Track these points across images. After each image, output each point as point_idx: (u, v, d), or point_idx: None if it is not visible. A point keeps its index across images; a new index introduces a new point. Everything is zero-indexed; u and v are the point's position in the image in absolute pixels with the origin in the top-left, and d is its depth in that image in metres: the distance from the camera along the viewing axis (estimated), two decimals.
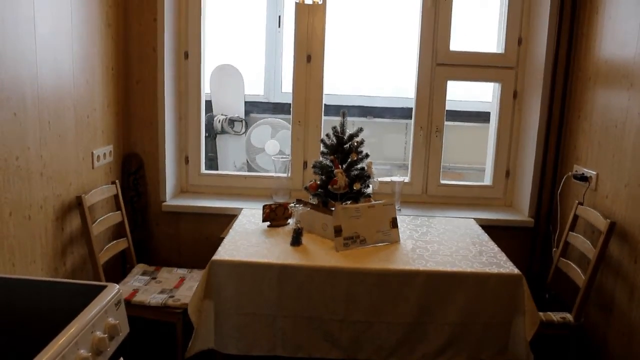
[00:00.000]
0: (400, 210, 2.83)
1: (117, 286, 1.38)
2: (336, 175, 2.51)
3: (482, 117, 3.88)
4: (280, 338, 2.11)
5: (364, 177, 2.58)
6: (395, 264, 2.12)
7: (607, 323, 2.31)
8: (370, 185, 2.62)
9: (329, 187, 2.54)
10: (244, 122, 4.18)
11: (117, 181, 2.60)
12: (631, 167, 2.19)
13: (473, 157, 4.23)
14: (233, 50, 4.45)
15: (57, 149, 2.11)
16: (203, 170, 3.14)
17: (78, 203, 2.24)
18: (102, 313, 1.26)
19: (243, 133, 4.13)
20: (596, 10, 2.54)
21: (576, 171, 2.64)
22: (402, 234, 2.44)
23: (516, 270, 2.11)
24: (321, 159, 2.65)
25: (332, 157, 2.57)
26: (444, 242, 2.40)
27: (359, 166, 2.59)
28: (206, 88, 3.14)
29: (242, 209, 2.78)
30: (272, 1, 4.51)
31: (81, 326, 1.16)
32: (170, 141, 2.90)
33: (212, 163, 4.14)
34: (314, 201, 2.61)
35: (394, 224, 2.37)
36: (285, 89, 4.56)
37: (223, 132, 4.14)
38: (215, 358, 2.18)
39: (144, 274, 2.57)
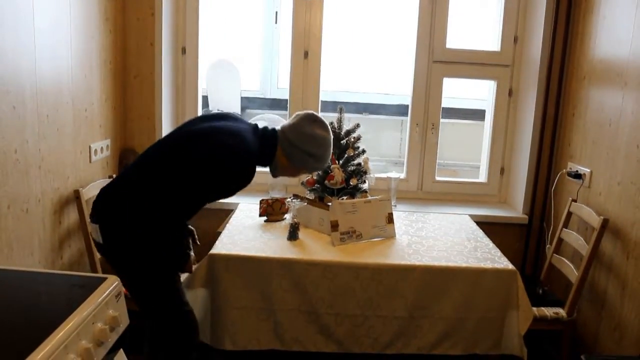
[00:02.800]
0: (395, 206, 2.85)
1: (117, 278, 1.39)
2: (333, 170, 2.53)
3: (477, 114, 3.91)
4: (276, 332, 2.12)
5: (361, 172, 2.60)
6: (391, 259, 2.14)
7: (600, 318, 2.34)
8: (367, 181, 2.64)
9: (326, 182, 2.56)
10: None
11: (114, 175, 2.60)
12: (624, 165, 2.22)
13: (468, 154, 4.26)
14: (229, 46, 4.45)
15: (55, 143, 2.11)
16: None
17: (75, 197, 2.24)
18: (103, 305, 1.27)
19: None
20: (591, 9, 2.56)
21: (570, 168, 2.66)
22: (398, 229, 2.46)
23: (510, 266, 2.13)
24: None
25: None
26: (439, 238, 2.42)
27: (355, 162, 2.62)
28: (202, 83, 3.14)
29: (238, 203, 2.79)
30: None
31: (83, 317, 1.17)
32: None
33: None
34: (311, 196, 2.62)
35: (390, 219, 2.39)
36: (282, 84, 4.56)
37: None
38: (211, 355, 2.19)
39: None
